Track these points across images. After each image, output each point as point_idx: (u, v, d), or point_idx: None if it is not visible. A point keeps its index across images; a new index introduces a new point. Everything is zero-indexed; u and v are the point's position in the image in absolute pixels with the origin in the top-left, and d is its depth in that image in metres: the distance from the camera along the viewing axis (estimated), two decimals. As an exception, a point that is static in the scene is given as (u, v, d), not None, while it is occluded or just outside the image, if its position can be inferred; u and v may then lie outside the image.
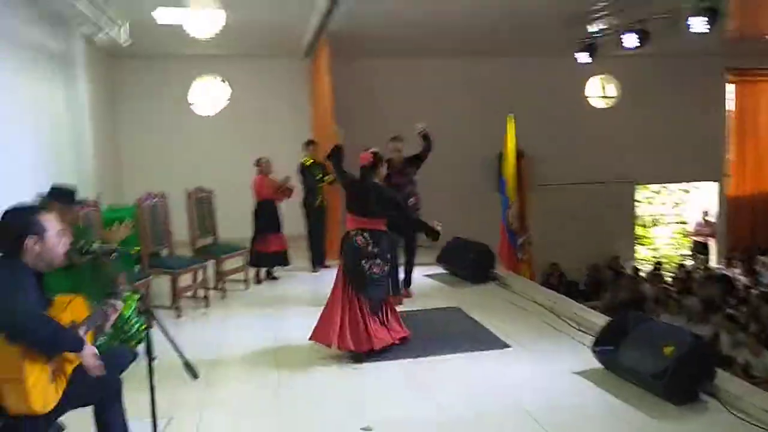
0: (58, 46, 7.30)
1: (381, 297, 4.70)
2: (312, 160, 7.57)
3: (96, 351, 2.44)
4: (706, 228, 12.50)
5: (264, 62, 10.08)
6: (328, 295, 4.79)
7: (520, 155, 9.61)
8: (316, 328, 4.66)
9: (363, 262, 4.57)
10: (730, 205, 12.34)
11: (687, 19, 6.91)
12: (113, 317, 2.56)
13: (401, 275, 6.22)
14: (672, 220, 14.33)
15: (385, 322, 4.71)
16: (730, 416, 3.54)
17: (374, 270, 4.60)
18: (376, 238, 4.62)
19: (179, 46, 9.12)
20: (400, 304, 5.87)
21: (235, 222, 7.27)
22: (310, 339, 4.66)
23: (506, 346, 4.80)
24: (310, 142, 7.76)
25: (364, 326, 4.51)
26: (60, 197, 3.98)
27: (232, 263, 6.76)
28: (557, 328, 5.26)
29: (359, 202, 4.70)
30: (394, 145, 6.18)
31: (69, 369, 2.46)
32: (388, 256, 4.79)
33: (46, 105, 7.01)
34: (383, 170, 4.89)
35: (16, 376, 2.16)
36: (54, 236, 2.45)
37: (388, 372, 4.34)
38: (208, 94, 10.36)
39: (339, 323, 4.50)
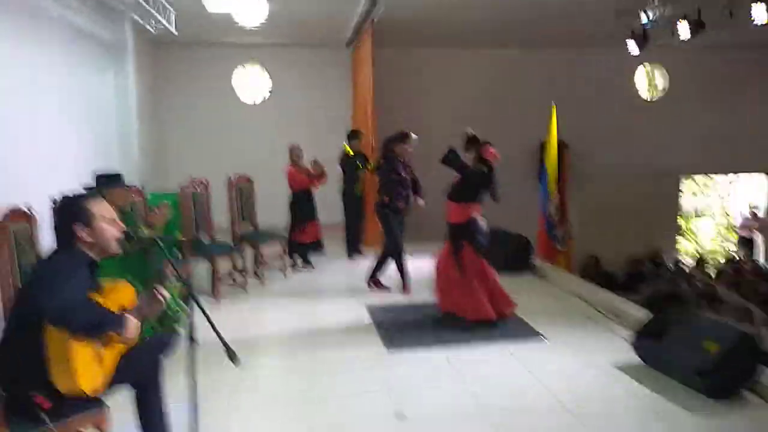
0: (108, 34, 7.49)
1: None
2: (354, 151, 7.60)
3: (137, 325, 2.50)
4: (753, 222, 12.09)
5: (306, 51, 10.15)
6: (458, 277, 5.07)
7: (563, 146, 9.46)
8: (473, 309, 4.98)
9: (486, 242, 5.15)
10: (780, 198, 11.94)
11: (746, 9, 6.65)
12: (160, 306, 2.60)
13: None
14: (717, 212, 13.93)
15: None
16: (773, 413, 3.47)
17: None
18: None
19: (224, 34, 9.25)
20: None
21: (275, 208, 7.38)
22: (474, 321, 4.95)
23: (543, 338, 4.78)
24: (354, 133, 7.78)
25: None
26: (108, 183, 4.10)
27: (270, 250, 6.87)
28: (595, 321, 5.20)
29: (480, 191, 5.14)
30: (410, 143, 6.10)
31: (117, 351, 2.54)
32: None
33: (96, 92, 7.21)
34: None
35: (65, 357, 2.24)
36: (104, 224, 2.46)
37: (422, 360, 4.36)
38: (251, 83, 10.49)
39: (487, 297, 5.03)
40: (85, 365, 2.31)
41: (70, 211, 2.45)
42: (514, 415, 3.54)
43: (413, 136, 6.09)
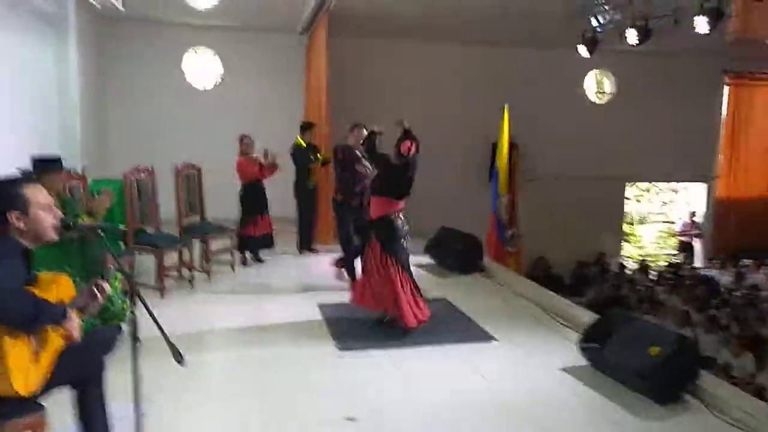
0: (49, 6, 7.06)
1: None
2: (306, 142, 7.47)
3: (79, 322, 2.36)
4: (692, 229, 12.59)
5: (260, 36, 9.88)
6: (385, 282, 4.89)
7: (513, 147, 9.59)
8: (407, 314, 4.75)
9: (403, 241, 4.88)
10: (718, 206, 12.45)
11: (690, 18, 6.89)
12: (100, 299, 2.46)
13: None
14: (659, 219, 14.42)
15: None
16: (710, 416, 3.59)
17: (407, 246, 4.97)
18: (406, 218, 4.95)
19: (174, 13, 8.92)
20: None
21: (224, 201, 7.16)
22: (412, 327, 4.76)
23: (492, 339, 4.80)
24: (307, 124, 7.65)
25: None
26: (45, 167, 3.89)
27: (218, 243, 6.68)
28: (544, 323, 5.27)
29: (405, 187, 4.86)
30: (360, 132, 5.84)
31: (53, 349, 2.39)
32: None
33: (35, 70, 6.81)
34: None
35: (-2, 356, 2.09)
36: (40, 210, 2.32)
37: (372, 361, 4.32)
38: (202, 66, 10.17)
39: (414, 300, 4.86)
40: (20, 364, 2.17)
41: (2, 197, 2.29)
42: (464, 415, 3.53)
43: (362, 127, 5.83)
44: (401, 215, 4.89)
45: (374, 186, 5.05)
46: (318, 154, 7.57)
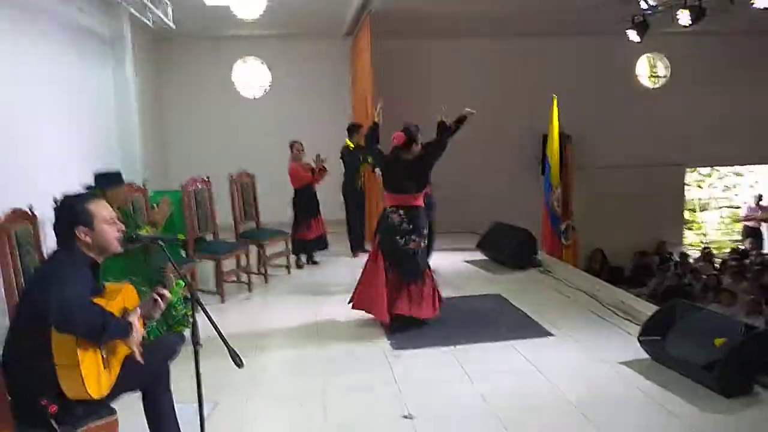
0: (106, 29, 7.41)
1: (414, 272, 4.83)
2: (354, 144, 7.56)
3: (141, 338, 2.48)
4: (759, 213, 12.01)
5: (305, 42, 10.03)
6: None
7: (565, 138, 9.39)
8: (380, 308, 4.78)
9: (398, 238, 4.76)
10: (786, 188, 11.83)
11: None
12: (162, 306, 2.58)
13: None
14: (722, 204, 13.83)
15: (414, 298, 4.83)
16: (785, 410, 3.43)
17: (410, 246, 4.77)
18: (411, 215, 4.78)
19: (222, 27, 9.18)
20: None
21: (278, 205, 7.34)
22: (353, 307, 4.90)
23: (549, 334, 4.74)
24: (354, 126, 7.74)
25: (387, 298, 4.75)
26: (107, 182, 4.08)
27: (274, 248, 6.85)
28: (602, 317, 5.16)
29: (394, 179, 4.87)
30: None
31: (121, 355, 2.52)
32: (424, 231, 4.91)
33: (95, 89, 7.15)
34: (417, 148, 4.89)
35: (71, 362, 2.22)
36: (104, 224, 2.44)
37: (429, 359, 4.34)
38: (252, 76, 10.42)
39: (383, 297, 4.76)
40: (92, 370, 2.29)
41: (69, 212, 2.43)
42: (522, 412, 3.51)
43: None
44: (402, 212, 4.79)
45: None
46: (367, 156, 7.63)
